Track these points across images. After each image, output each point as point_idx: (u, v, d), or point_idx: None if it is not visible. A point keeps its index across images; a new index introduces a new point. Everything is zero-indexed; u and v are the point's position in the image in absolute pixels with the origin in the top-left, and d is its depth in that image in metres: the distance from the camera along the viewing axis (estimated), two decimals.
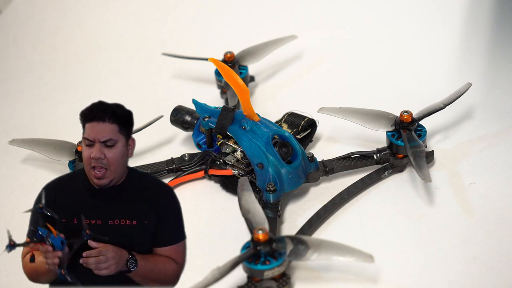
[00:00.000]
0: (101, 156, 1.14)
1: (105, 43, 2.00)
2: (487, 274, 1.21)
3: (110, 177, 1.16)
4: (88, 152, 1.15)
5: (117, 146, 1.15)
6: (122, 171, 1.18)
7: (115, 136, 1.15)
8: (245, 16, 2.03)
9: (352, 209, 1.37)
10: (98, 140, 1.14)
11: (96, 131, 1.14)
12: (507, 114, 1.55)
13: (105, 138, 1.14)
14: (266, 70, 1.80)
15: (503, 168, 1.41)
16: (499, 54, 1.76)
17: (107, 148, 1.15)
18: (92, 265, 1.12)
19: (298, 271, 1.25)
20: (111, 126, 1.15)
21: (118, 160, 1.16)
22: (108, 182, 1.16)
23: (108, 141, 1.15)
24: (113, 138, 1.15)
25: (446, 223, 1.31)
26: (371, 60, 1.81)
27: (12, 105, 1.81)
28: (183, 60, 1.76)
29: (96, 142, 1.14)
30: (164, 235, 1.19)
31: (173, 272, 1.19)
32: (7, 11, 2.17)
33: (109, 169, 1.15)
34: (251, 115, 1.38)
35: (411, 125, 1.39)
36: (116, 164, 1.16)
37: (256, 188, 1.36)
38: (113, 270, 1.13)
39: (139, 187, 1.20)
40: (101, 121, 1.14)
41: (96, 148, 1.14)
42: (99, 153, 1.14)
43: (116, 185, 1.18)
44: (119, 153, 1.16)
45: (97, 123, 1.15)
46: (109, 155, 1.15)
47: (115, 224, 1.16)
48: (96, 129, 1.15)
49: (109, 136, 1.15)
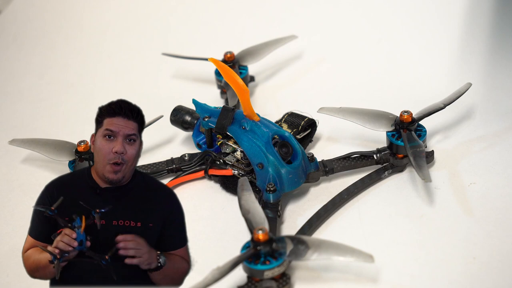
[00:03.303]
0: (124, 151, 1.16)
1: (105, 43, 2.00)
2: (487, 274, 1.21)
3: (125, 172, 1.17)
4: (109, 146, 1.16)
5: (136, 143, 1.18)
6: (133, 170, 1.19)
7: (137, 133, 1.18)
8: (245, 16, 2.03)
9: (352, 209, 1.37)
10: (123, 133, 1.16)
11: (122, 125, 1.17)
12: (507, 114, 1.55)
13: (131, 132, 1.17)
14: (266, 70, 1.80)
15: (503, 168, 1.41)
16: (499, 54, 1.76)
17: (128, 144, 1.17)
18: (124, 250, 1.13)
19: (298, 271, 1.25)
20: (134, 124, 1.18)
21: (135, 158, 1.18)
22: (121, 177, 1.17)
23: (133, 135, 1.17)
24: (136, 133, 1.18)
25: (446, 223, 1.31)
26: (371, 60, 1.81)
27: (12, 105, 1.81)
28: (183, 60, 1.76)
29: (119, 136, 1.16)
30: (173, 238, 1.21)
31: (186, 271, 1.22)
32: (7, 11, 2.17)
33: (126, 165, 1.16)
34: (251, 115, 1.38)
35: (411, 125, 1.39)
36: (132, 161, 1.18)
37: (256, 188, 1.36)
38: (145, 260, 1.14)
39: (144, 189, 1.20)
40: (126, 117, 1.17)
41: (119, 142, 1.16)
42: (122, 147, 1.16)
43: (122, 185, 1.18)
44: (137, 151, 1.19)
45: (122, 118, 1.17)
46: (130, 151, 1.17)
47: (119, 225, 1.16)
48: (121, 123, 1.17)
49: (134, 131, 1.18)
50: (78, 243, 1.11)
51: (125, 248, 1.13)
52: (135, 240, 1.14)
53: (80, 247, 1.12)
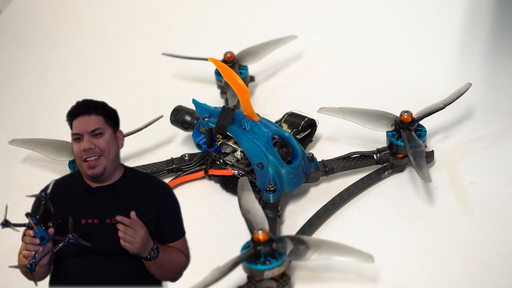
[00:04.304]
0: (91, 146, 1.16)
1: (105, 43, 2.00)
2: (487, 274, 1.21)
3: (103, 164, 1.17)
4: (78, 146, 1.17)
5: (105, 135, 1.18)
6: (115, 161, 1.19)
7: (101, 126, 1.18)
8: (245, 16, 2.03)
9: (352, 209, 1.37)
10: (86, 131, 1.17)
11: (83, 124, 1.17)
12: (507, 114, 1.55)
13: (92, 128, 1.17)
14: (266, 70, 1.80)
15: (503, 168, 1.41)
16: (499, 54, 1.76)
17: (95, 138, 1.17)
18: (121, 232, 1.13)
19: (298, 271, 1.25)
20: (97, 118, 1.18)
21: (109, 147, 1.18)
22: (102, 170, 1.17)
23: (96, 129, 1.17)
24: (100, 127, 1.18)
25: (446, 223, 1.31)
26: (371, 60, 1.81)
27: (12, 105, 1.81)
28: (183, 60, 1.76)
29: (84, 135, 1.17)
30: (168, 232, 1.20)
31: (184, 263, 1.22)
32: (7, 11, 2.17)
33: (102, 156, 1.17)
34: (251, 115, 1.38)
35: (411, 125, 1.39)
36: (108, 150, 1.17)
37: (256, 188, 1.36)
38: (135, 248, 1.13)
39: (136, 186, 1.20)
40: (86, 114, 1.18)
41: (85, 140, 1.17)
42: (88, 144, 1.16)
43: (112, 183, 1.19)
44: (108, 140, 1.18)
45: (83, 117, 1.18)
46: (100, 143, 1.17)
47: (112, 223, 1.16)
48: (82, 122, 1.18)
49: (96, 126, 1.17)
50: (39, 239, 1.12)
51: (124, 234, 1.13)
52: (134, 227, 1.13)
53: (44, 241, 1.13)
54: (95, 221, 1.16)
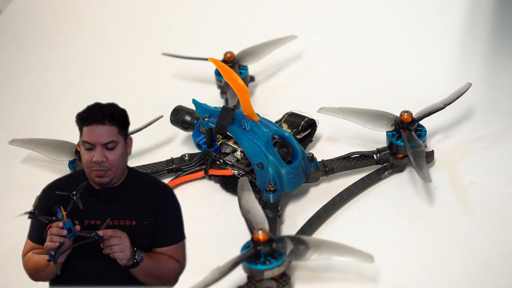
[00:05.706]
0: (103, 160, 1.14)
1: (105, 43, 2.00)
2: (487, 274, 1.21)
3: (111, 176, 1.16)
4: (89, 156, 1.15)
5: (118, 147, 1.16)
6: (122, 170, 1.18)
7: (115, 138, 1.15)
8: (245, 16, 2.03)
9: (352, 209, 1.37)
10: (99, 143, 1.14)
11: (97, 134, 1.14)
12: (507, 114, 1.55)
13: (107, 141, 1.14)
14: (266, 70, 1.80)
15: (503, 168, 1.41)
16: (499, 54, 1.76)
17: (108, 151, 1.15)
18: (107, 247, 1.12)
19: (298, 271, 1.25)
20: (111, 128, 1.15)
21: (119, 162, 1.16)
22: (108, 180, 1.16)
23: (110, 143, 1.15)
24: (114, 140, 1.15)
25: (446, 223, 1.31)
26: (371, 60, 1.81)
27: (12, 105, 1.81)
28: (183, 60, 1.76)
29: (97, 146, 1.14)
30: (164, 235, 1.19)
31: (174, 271, 1.19)
32: (7, 11, 2.17)
33: (110, 170, 1.15)
34: (251, 115, 1.38)
35: (411, 125, 1.39)
36: (117, 165, 1.16)
37: (256, 188, 1.36)
38: (128, 254, 1.13)
39: (138, 187, 1.20)
40: (100, 124, 1.14)
41: (97, 152, 1.14)
42: (101, 157, 1.14)
43: (116, 185, 1.18)
44: (120, 154, 1.16)
45: (96, 126, 1.14)
46: (111, 157, 1.15)
47: (114, 225, 1.16)
48: (96, 132, 1.14)
49: (110, 139, 1.15)
50: (67, 231, 1.12)
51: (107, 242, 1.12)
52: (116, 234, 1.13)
53: (70, 234, 1.12)
54: (98, 223, 1.16)
